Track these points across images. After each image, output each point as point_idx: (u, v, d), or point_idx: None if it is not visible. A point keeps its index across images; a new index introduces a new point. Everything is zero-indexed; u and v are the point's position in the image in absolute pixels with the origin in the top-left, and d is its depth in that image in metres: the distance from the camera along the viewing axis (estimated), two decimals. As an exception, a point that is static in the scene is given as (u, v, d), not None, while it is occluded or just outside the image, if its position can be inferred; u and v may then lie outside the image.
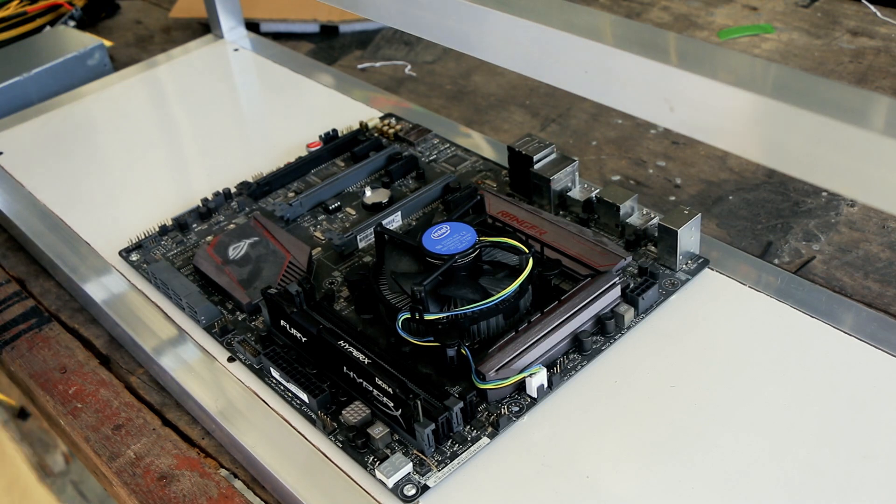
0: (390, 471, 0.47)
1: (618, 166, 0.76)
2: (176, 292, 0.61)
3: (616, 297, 0.56)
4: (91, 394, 0.59)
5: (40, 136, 0.85)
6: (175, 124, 0.85)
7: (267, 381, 0.55)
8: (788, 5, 0.97)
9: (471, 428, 0.50)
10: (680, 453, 0.48)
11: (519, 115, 0.86)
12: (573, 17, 0.48)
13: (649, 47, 0.44)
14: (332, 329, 0.53)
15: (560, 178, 0.64)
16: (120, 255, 0.67)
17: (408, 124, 0.77)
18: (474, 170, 0.71)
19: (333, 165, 0.74)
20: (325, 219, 0.68)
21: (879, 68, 0.85)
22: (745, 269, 0.59)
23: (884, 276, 0.62)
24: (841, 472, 0.46)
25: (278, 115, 0.84)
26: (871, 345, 0.52)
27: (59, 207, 0.74)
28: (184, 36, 1.08)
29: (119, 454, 0.54)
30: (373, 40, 1.02)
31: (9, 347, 0.64)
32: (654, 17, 0.98)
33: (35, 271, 0.72)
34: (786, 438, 0.48)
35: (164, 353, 0.58)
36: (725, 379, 0.52)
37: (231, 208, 0.70)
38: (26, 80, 0.91)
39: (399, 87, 0.92)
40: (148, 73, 0.93)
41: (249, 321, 0.59)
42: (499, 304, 0.53)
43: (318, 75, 0.90)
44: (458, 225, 0.57)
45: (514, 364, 0.51)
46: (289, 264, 0.61)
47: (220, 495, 0.51)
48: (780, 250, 0.65)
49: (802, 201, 0.70)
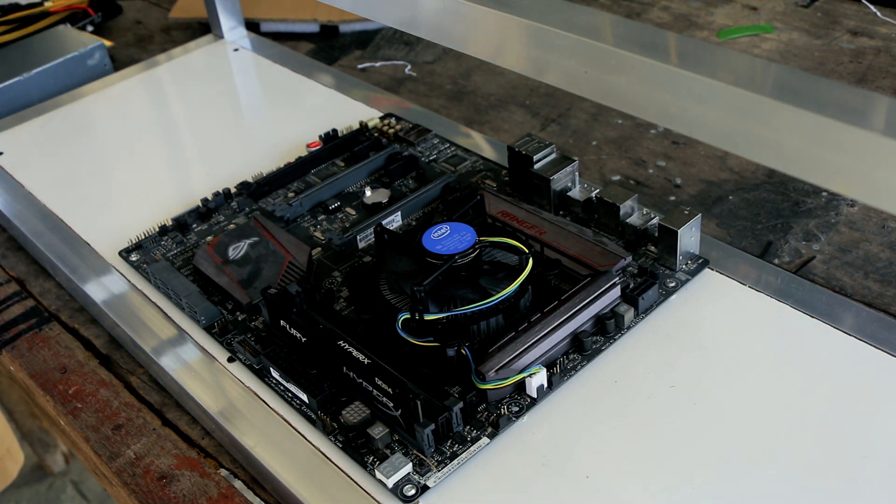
0: (390, 471, 0.47)
1: (618, 166, 0.76)
2: (176, 292, 0.61)
3: (616, 297, 0.56)
4: (91, 394, 0.59)
5: (40, 136, 0.85)
6: (175, 124, 0.85)
7: (267, 382, 0.55)
8: (788, 5, 0.97)
9: (470, 428, 0.50)
10: (680, 453, 0.48)
11: (519, 115, 0.86)
12: (573, 17, 0.48)
13: (649, 47, 0.44)
14: (332, 329, 0.53)
15: (560, 178, 0.64)
16: (120, 256, 0.67)
17: (408, 124, 0.77)
18: (474, 170, 0.71)
19: (333, 165, 0.74)
20: (325, 219, 0.68)
21: (879, 68, 0.85)
22: (745, 269, 0.59)
23: (884, 276, 0.62)
24: (841, 472, 0.46)
25: (278, 115, 0.84)
26: (872, 345, 0.52)
27: (59, 207, 0.74)
28: (184, 36, 1.08)
29: (119, 454, 0.54)
30: (373, 40, 1.02)
31: (9, 347, 0.64)
32: (654, 17, 0.98)
33: (35, 271, 0.72)
34: (786, 438, 0.48)
35: (164, 353, 0.58)
36: (725, 379, 0.52)
37: (231, 208, 0.70)
38: (26, 80, 0.91)
39: (399, 87, 0.92)
40: (148, 73, 0.93)
41: (249, 321, 0.59)
42: (499, 304, 0.53)
43: (318, 75, 0.90)
44: (458, 225, 0.57)
45: (514, 364, 0.51)
46: (289, 264, 0.61)
47: (220, 495, 0.51)
48: (780, 250, 0.65)
49: (802, 201, 0.70)
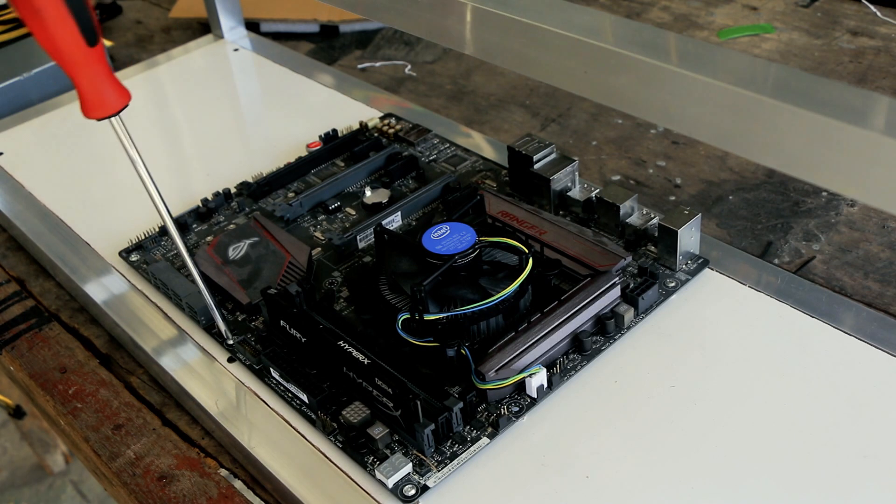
0: (390, 471, 0.47)
1: (618, 166, 0.76)
2: (176, 292, 0.61)
3: (616, 297, 0.56)
4: (91, 394, 0.59)
5: (40, 136, 0.85)
6: (175, 124, 0.85)
7: (267, 382, 0.55)
8: (788, 5, 0.97)
9: (470, 428, 0.50)
10: (680, 453, 0.48)
11: (519, 115, 0.86)
12: (573, 17, 0.48)
13: (649, 47, 0.44)
14: (332, 329, 0.53)
15: (560, 178, 0.64)
16: (120, 256, 0.67)
17: (408, 124, 0.77)
18: (474, 170, 0.71)
19: (333, 165, 0.74)
20: (325, 219, 0.68)
21: (879, 68, 0.85)
22: (745, 269, 0.59)
23: (884, 276, 0.62)
24: (841, 472, 0.46)
25: (278, 115, 0.84)
26: (872, 345, 0.52)
27: (59, 207, 0.74)
28: (184, 36, 1.08)
29: (119, 454, 0.54)
30: (373, 40, 1.02)
31: (9, 347, 0.64)
32: (654, 17, 0.98)
33: (35, 271, 0.72)
34: (786, 438, 0.48)
35: (164, 354, 0.58)
36: (725, 379, 0.52)
37: (231, 208, 0.70)
38: (26, 80, 0.91)
39: (399, 87, 0.92)
40: (148, 73, 0.93)
41: (249, 321, 0.59)
42: (499, 304, 0.53)
43: (318, 75, 0.90)
44: (458, 225, 0.57)
45: (514, 364, 0.51)
46: (289, 264, 0.61)
47: (220, 495, 0.51)
48: (780, 250, 0.65)
49: (802, 201, 0.70)
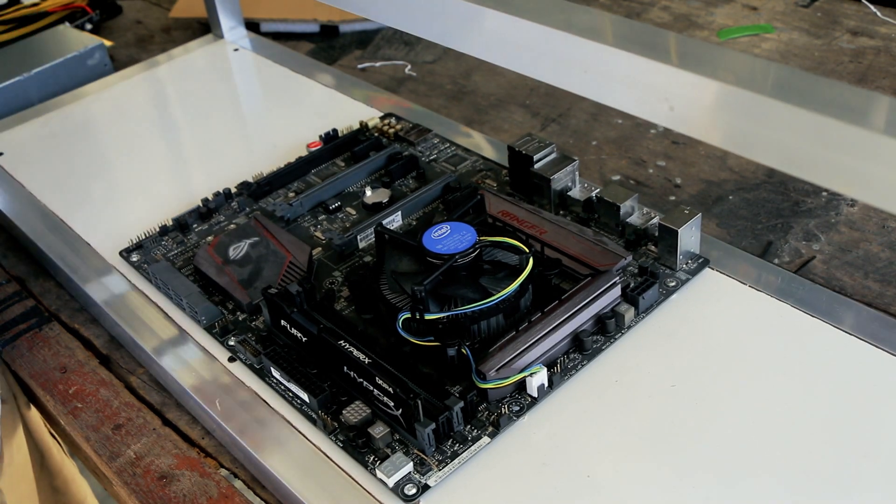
0: (391, 470, 0.47)
1: (618, 166, 0.76)
2: (176, 292, 0.61)
3: (616, 297, 0.56)
4: (91, 393, 0.59)
5: (40, 136, 0.85)
6: (175, 124, 0.85)
7: (267, 381, 0.55)
8: (788, 5, 0.97)
9: (471, 427, 0.50)
10: (680, 452, 0.48)
11: (519, 115, 0.86)
12: (573, 17, 0.48)
13: (649, 47, 0.44)
14: (333, 329, 0.53)
15: (560, 177, 0.64)
16: (120, 256, 0.67)
17: (408, 124, 0.77)
18: (474, 169, 0.71)
19: (333, 165, 0.74)
20: (325, 219, 0.68)
21: (879, 68, 0.85)
22: (745, 269, 0.59)
23: (884, 275, 0.62)
24: (841, 472, 0.46)
25: (278, 115, 0.84)
26: (872, 344, 0.52)
27: (59, 208, 0.74)
28: (184, 36, 1.08)
29: (119, 454, 0.54)
30: (373, 40, 1.02)
31: (9, 347, 0.64)
32: (654, 17, 0.98)
33: (35, 271, 0.72)
34: (786, 437, 0.48)
35: (164, 353, 0.58)
36: (726, 378, 0.52)
37: (231, 208, 0.70)
38: (26, 80, 0.91)
39: (399, 87, 0.92)
40: (148, 73, 0.93)
41: (250, 321, 0.59)
42: (499, 303, 0.53)
43: (318, 75, 0.90)
44: (459, 225, 0.57)
45: (515, 363, 0.51)
46: (289, 264, 0.61)
47: (220, 495, 0.51)
48: (781, 250, 0.65)
49: (802, 201, 0.70)
